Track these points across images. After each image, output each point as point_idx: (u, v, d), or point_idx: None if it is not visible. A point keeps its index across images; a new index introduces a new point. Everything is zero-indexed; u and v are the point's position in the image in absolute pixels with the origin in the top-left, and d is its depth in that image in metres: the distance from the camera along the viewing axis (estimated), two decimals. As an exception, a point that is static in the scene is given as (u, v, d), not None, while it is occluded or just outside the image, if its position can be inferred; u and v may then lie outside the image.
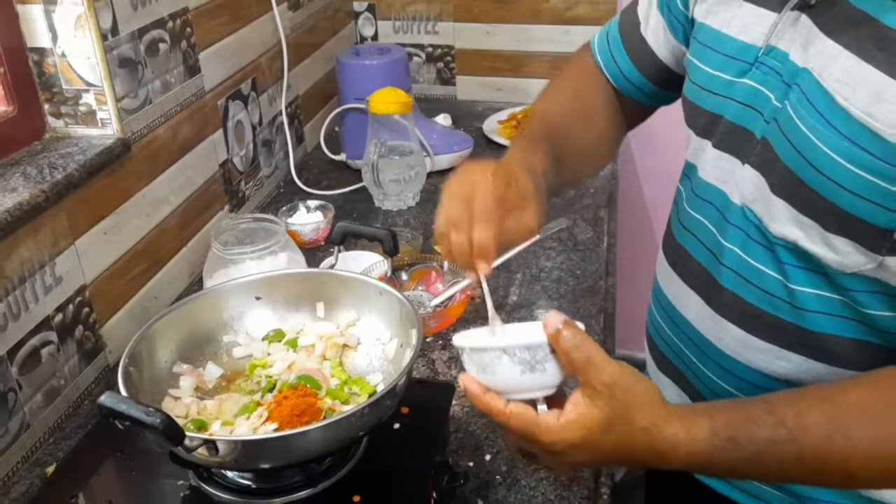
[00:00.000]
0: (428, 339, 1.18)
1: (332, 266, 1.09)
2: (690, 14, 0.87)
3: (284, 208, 1.47)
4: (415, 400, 0.93)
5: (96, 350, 1.13)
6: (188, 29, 1.30)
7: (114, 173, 1.13)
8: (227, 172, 1.46)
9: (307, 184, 1.67)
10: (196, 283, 1.35)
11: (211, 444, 0.74)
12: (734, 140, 0.78)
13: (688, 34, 0.89)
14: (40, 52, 1.08)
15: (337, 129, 1.80)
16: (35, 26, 1.06)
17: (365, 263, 1.24)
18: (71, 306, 1.06)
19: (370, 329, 0.98)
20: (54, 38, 1.06)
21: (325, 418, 0.84)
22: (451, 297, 1.18)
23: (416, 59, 2.10)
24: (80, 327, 1.09)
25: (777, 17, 0.73)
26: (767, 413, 0.65)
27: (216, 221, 1.41)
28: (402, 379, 0.83)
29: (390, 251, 1.05)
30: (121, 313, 1.17)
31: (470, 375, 0.67)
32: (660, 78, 0.97)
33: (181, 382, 0.92)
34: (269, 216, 1.24)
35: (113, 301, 1.16)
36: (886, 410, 0.65)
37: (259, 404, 0.89)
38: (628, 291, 1.69)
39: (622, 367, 0.64)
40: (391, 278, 1.13)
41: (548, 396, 0.67)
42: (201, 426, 0.86)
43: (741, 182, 0.77)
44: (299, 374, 0.92)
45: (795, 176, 0.69)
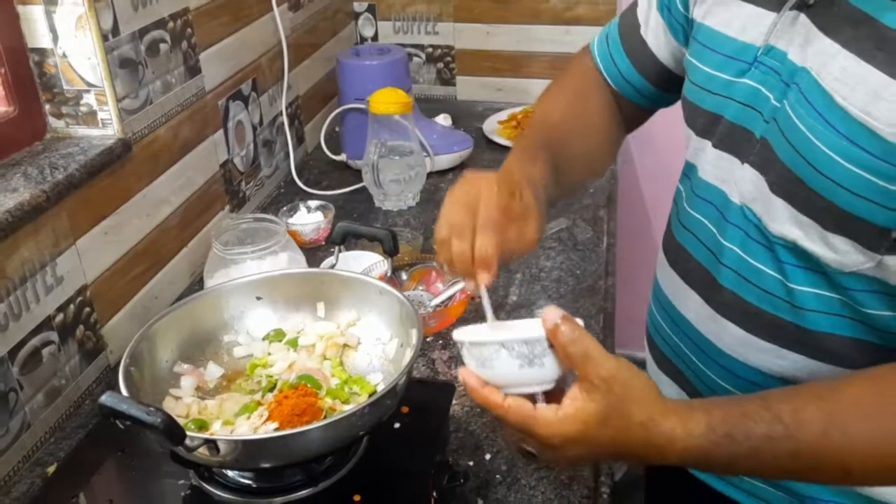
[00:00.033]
0: (428, 339, 1.18)
1: (333, 266, 1.10)
2: (690, 15, 0.87)
3: (285, 208, 1.47)
4: (415, 399, 0.93)
5: (97, 350, 1.13)
6: (189, 29, 1.30)
7: (114, 173, 1.13)
8: (227, 173, 1.46)
9: (307, 184, 1.67)
10: (197, 283, 1.35)
11: (212, 443, 0.75)
12: (734, 140, 0.78)
13: (688, 35, 0.89)
14: (41, 52, 1.08)
15: (337, 129, 1.80)
16: (36, 27, 1.06)
17: (365, 263, 1.24)
18: (72, 306, 1.07)
19: (370, 329, 0.99)
20: (55, 38, 1.07)
21: (325, 418, 0.84)
22: (451, 297, 1.18)
23: (416, 59, 2.10)
24: (81, 327, 1.09)
25: (776, 17, 0.73)
26: (764, 409, 0.65)
27: (217, 221, 1.41)
28: (403, 378, 0.83)
29: (390, 251, 1.05)
30: (122, 313, 1.18)
31: (469, 369, 0.68)
32: (660, 80, 0.97)
33: (182, 382, 0.93)
34: (269, 216, 1.24)
35: (114, 301, 1.16)
36: (883, 407, 0.65)
37: (260, 404, 0.89)
38: (628, 291, 1.69)
39: (619, 362, 0.64)
40: (391, 278, 1.13)
41: (547, 392, 0.67)
42: (202, 426, 0.86)
43: (741, 181, 0.77)
44: (300, 373, 0.92)
45: (794, 175, 0.69)
